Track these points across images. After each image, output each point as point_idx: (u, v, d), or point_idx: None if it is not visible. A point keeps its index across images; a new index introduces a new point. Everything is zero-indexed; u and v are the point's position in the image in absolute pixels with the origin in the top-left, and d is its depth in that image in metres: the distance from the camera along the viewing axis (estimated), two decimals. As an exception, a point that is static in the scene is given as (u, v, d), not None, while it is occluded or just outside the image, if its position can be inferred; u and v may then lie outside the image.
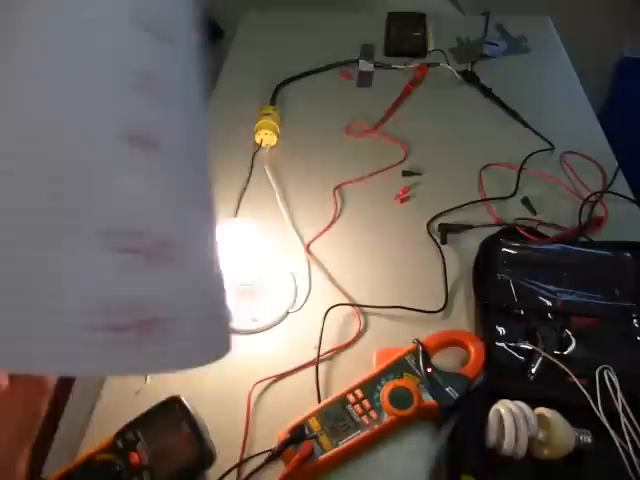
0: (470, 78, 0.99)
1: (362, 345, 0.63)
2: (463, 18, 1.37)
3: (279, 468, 0.52)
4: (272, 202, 0.79)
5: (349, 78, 1.02)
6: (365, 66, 1.04)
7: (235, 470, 0.53)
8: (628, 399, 0.54)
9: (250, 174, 0.84)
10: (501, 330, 0.62)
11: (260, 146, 0.88)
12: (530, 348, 0.59)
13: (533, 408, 0.52)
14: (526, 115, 0.91)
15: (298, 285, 0.69)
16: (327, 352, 0.62)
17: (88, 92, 0.24)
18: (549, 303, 0.63)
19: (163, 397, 0.53)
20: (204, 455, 0.50)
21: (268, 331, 0.65)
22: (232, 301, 0.68)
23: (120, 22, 0.26)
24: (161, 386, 0.60)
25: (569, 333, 0.61)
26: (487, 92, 0.96)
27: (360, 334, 0.64)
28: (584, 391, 0.54)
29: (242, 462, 0.53)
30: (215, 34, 1.80)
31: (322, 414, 0.54)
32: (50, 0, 0.25)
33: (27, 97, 0.24)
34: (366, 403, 0.55)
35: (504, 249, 0.69)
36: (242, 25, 1.18)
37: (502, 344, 0.61)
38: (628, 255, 0.68)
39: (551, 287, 0.65)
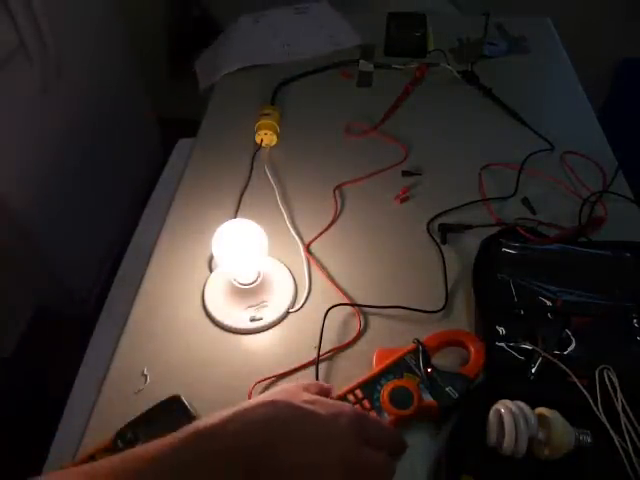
0: (470, 78, 0.99)
1: (362, 345, 0.63)
2: (463, 18, 1.37)
3: (279, 468, 0.52)
4: (272, 202, 0.79)
5: (349, 78, 1.02)
6: (365, 66, 1.04)
7: (235, 470, 0.53)
8: (628, 399, 0.54)
9: (250, 174, 0.84)
10: (501, 330, 0.62)
11: (260, 146, 0.88)
12: (530, 348, 0.59)
13: (533, 408, 0.52)
14: (526, 115, 0.91)
15: (298, 285, 0.69)
16: (327, 352, 0.62)
17: None
18: (549, 303, 0.63)
19: (163, 397, 0.53)
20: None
21: (268, 331, 0.65)
22: (232, 301, 0.68)
23: None
24: (161, 386, 0.60)
25: (569, 333, 0.61)
26: (487, 92, 0.96)
27: (360, 334, 0.64)
28: (584, 391, 0.54)
29: (242, 462, 0.53)
30: (215, 34, 1.80)
31: (322, 414, 0.54)
32: None
33: None
34: (366, 403, 0.55)
35: (504, 249, 0.69)
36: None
37: (502, 344, 0.61)
38: (628, 255, 0.68)
39: (551, 287, 0.65)
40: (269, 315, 0.65)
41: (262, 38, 1.10)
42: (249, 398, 0.58)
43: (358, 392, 0.55)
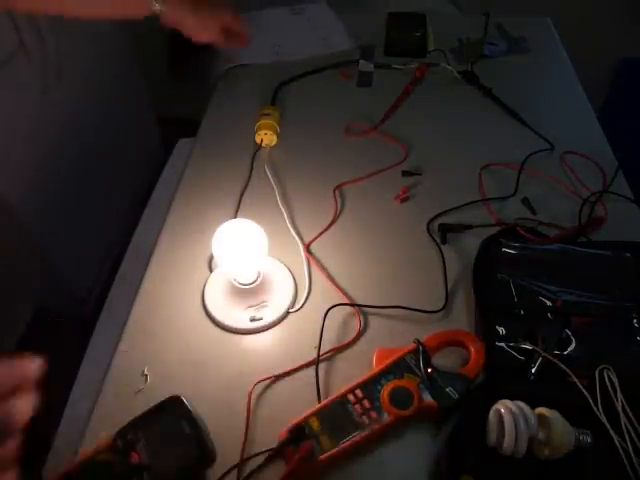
0: (470, 78, 0.99)
1: (362, 345, 0.63)
2: (463, 18, 1.37)
3: (279, 468, 0.52)
4: (272, 202, 0.79)
5: (349, 78, 1.02)
6: (365, 66, 1.04)
7: (235, 470, 0.53)
8: (628, 399, 0.54)
9: (250, 174, 0.84)
10: (501, 330, 0.62)
11: (260, 146, 0.88)
12: (530, 348, 0.59)
13: (533, 408, 0.52)
14: (526, 115, 0.91)
15: (298, 285, 0.69)
16: (327, 352, 0.62)
17: None
18: (549, 303, 0.63)
19: (163, 397, 0.53)
20: (204, 455, 0.50)
21: (268, 331, 0.65)
22: (232, 301, 0.68)
23: None
24: (161, 386, 0.60)
25: (569, 333, 0.61)
26: (487, 92, 0.96)
27: (360, 334, 0.64)
28: (584, 391, 0.54)
29: (242, 462, 0.53)
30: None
31: (322, 414, 0.54)
32: None
33: None
34: (366, 403, 0.55)
35: (504, 249, 0.69)
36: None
37: (502, 344, 0.61)
38: (628, 255, 0.68)
39: (551, 287, 0.65)
40: (269, 315, 0.65)
41: (255, 37, 1.10)
42: (249, 398, 0.58)
43: (358, 392, 0.55)
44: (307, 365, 0.61)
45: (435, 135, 0.90)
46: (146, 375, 0.61)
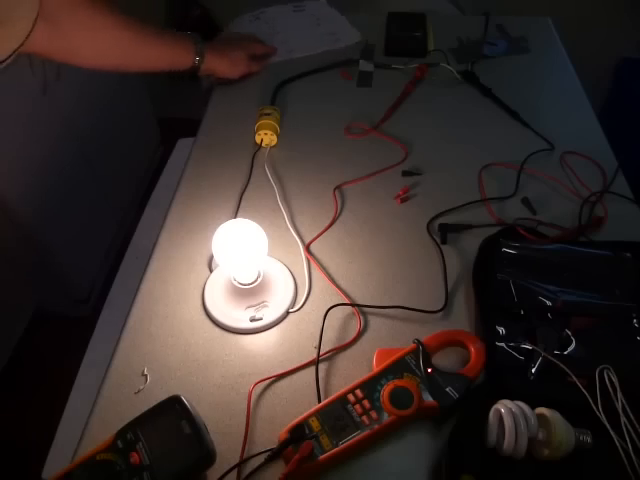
0: (470, 78, 0.99)
1: (362, 345, 0.63)
2: (463, 18, 1.37)
3: (279, 468, 0.52)
4: (272, 202, 0.79)
5: (349, 78, 1.02)
6: (365, 66, 1.04)
7: (235, 470, 0.53)
8: (628, 399, 0.54)
9: (250, 174, 0.84)
10: (501, 330, 0.62)
11: (260, 146, 0.88)
12: (530, 348, 0.59)
13: (533, 408, 0.52)
14: (526, 115, 0.91)
15: (298, 285, 0.69)
16: (327, 352, 0.62)
17: None
18: (549, 303, 0.63)
19: (163, 397, 0.53)
20: (204, 455, 0.50)
21: (268, 331, 0.65)
22: (232, 301, 0.68)
23: None
24: (161, 386, 0.60)
25: (569, 333, 0.61)
26: (487, 92, 0.96)
27: (360, 334, 0.64)
28: (584, 391, 0.54)
29: (242, 462, 0.53)
30: (215, 34, 1.80)
31: (322, 414, 0.54)
32: None
33: None
34: (366, 403, 0.55)
35: (504, 249, 0.69)
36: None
37: (502, 344, 0.61)
38: (628, 255, 0.68)
39: (551, 287, 0.65)
40: (269, 315, 0.65)
41: (260, 36, 1.10)
42: (249, 398, 0.58)
43: (358, 392, 0.55)
44: (307, 365, 0.61)
45: (435, 135, 0.90)
46: (146, 375, 0.61)
